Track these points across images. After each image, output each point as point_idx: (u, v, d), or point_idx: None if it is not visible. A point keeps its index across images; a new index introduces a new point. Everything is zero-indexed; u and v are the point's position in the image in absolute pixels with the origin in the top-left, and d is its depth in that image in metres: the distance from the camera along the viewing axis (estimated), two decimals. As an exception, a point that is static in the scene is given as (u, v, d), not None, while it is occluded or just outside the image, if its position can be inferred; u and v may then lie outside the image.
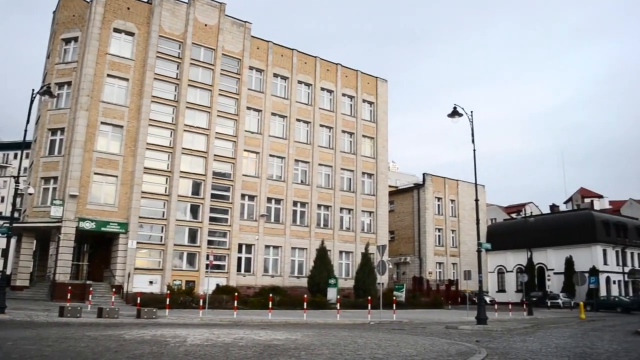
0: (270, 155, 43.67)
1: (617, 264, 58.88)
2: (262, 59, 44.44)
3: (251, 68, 43.62)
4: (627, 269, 59.77)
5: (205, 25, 41.11)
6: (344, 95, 49.40)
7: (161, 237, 36.81)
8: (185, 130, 38.63)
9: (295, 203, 44.37)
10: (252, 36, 43.74)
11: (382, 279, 29.65)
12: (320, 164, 46.55)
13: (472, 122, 24.85)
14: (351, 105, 50.02)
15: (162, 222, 36.90)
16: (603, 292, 53.66)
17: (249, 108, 42.80)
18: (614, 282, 57.80)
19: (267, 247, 42.18)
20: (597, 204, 74.06)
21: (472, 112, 24.87)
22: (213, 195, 39.20)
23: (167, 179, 37.68)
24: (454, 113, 24.34)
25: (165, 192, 37.42)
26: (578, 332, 19.96)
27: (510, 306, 37.48)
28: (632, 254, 61.72)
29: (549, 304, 50.36)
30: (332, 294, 35.99)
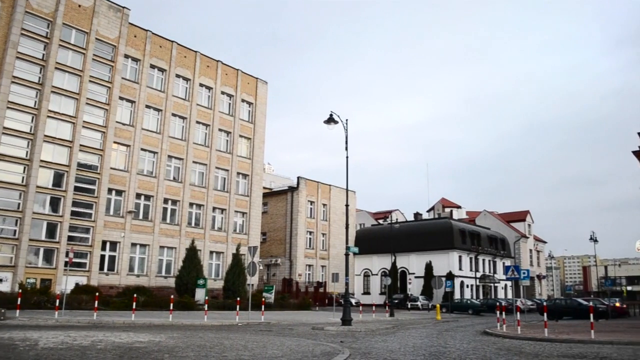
0: (142, 150, 41.87)
1: (471, 269, 63.78)
2: (139, 48, 42.52)
3: (127, 56, 41.54)
4: (479, 274, 64.95)
5: (79, 6, 38.49)
6: (223, 93, 48.73)
7: (15, 230, 33.77)
8: (49, 117, 35.78)
9: (166, 200, 42.93)
10: (130, 23, 41.67)
11: (252, 280, 29.59)
12: (194, 162, 45.48)
13: (346, 129, 25.63)
14: (230, 104, 49.46)
15: (17, 214, 33.87)
16: (458, 295, 57.79)
17: (121, 98, 40.72)
18: (468, 286, 62.49)
19: (134, 245, 40.36)
20: (456, 214, 79.55)
21: (347, 120, 25.67)
22: (77, 188, 36.68)
23: (25, 167, 34.65)
24: (330, 120, 24.96)
25: (23, 182, 34.40)
26: (434, 332, 21.24)
27: (374, 308, 39.05)
28: (483, 260, 67.18)
29: (409, 306, 53.22)
30: (200, 294, 35.24)
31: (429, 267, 59.33)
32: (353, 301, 48.90)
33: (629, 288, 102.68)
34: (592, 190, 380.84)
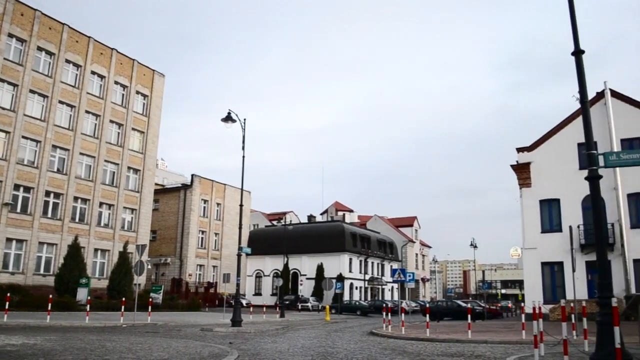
0: (24, 137, 38.86)
1: (360, 272, 65.58)
2: (25, 27, 39.47)
3: (11, 35, 38.39)
4: (367, 276, 66.91)
5: (-46, -22, 35.19)
6: (116, 83, 46.51)
7: None
8: None
9: (48, 193, 40.17)
10: (16, 0, 38.68)
11: (140, 280, 28.47)
12: (82, 153, 42.97)
13: (244, 128, 25.43)
14: (123, 95, 47.30)
15: None
16: (347, 296, 59.15)
17: (2, 80, 37.62)
18: (357, 287, 64.16)
19: (10, 240, 37.35)
20: (348, 217, 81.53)
21: (245, 119, 25.48)
22: (-56, 177, 33.45)
23: None
24: (228, 118, 24.61)
25: None
26: (322, 332, 21.55)
27: (264, 309, 38.98)
28: (372, 263, 69.34)
29: (300, 307, 53.69)
30: (82, 294, 33.35)
31: (320, 269, 60.25)
32: (244, 302, 48.50)
33: (503, 291, 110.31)
34: (473, 200, 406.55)
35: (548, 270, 32.08)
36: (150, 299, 30.13)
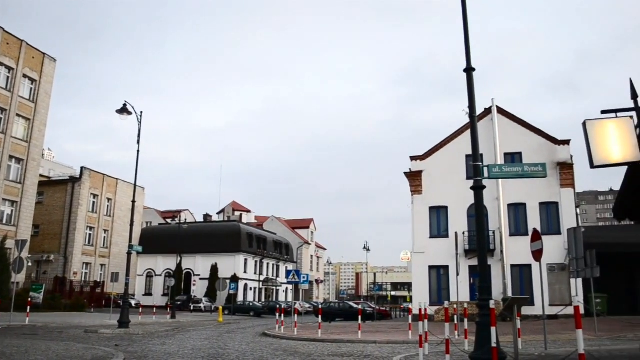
0: None
1: (255, 273, 65.37)
2: None
3: None
4: (262, 277, 66.83)
5: None
6: (1, 64, 43.10)
7: None
8: None
9: None
10: None
11: (18, 278, 26.60)
12: (-44, 140, 39.41)
13: (140, 122, 24.57)
14: (8, 77, 43.84)
15: None
16: (241, 297, 58.72)
17: None
18: (251, 288, 63.89)
19: None
20: (245, 218, 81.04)
21: (141, 112, 24.63)
22: None
23: None
24: (124, 110, 23.64)
25: None
26: (214, 334, 21.26)
27: (154, 310, 37.79)
28: (268, 264, 69.38)
29: (192, 308, 52.56)
30: (-50, 292, 30.60)
31: (214, 269, 59.38)
32: (133, 302, 46.70)
33: (393, 293, 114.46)
34: (368, 204, 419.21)
35: (435, 273, 33.70)
36: (30, 299, 28.23)
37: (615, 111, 9.10)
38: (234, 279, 56.17)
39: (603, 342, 15.22)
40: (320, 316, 21.25)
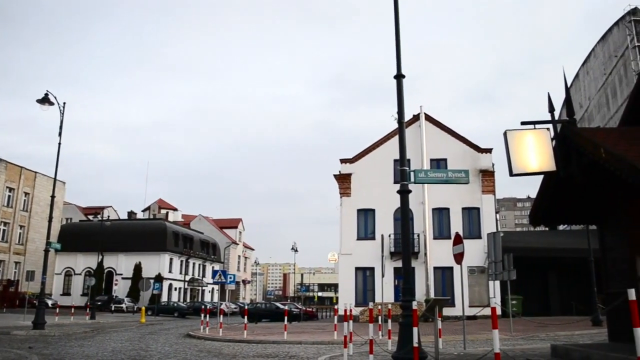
0: None
1: (180, 272, 64.04)
2: None
3: None
4: (188, 277, 65.57)
5: None
6: None
7: None
8: None
9: None
10: None
11: None
12: None
13: (62, 113, 23.61)
14: None
15: None
16: (165, 297, 57.34)
17: None
18: (176, 288, 62.52)
19: None
20: (172, 216, 79.21)
21: (64, 103, 23.66)
22: None
23: None
24: (45, 100, 22.62)
25: None
26: (136, 335, 20.68)
27: (73, 310, 36.29)
28: (194, 264, 68.17)
29: (113, 309, 50.78)
30: None
31: (138, 268, 57.68)
32: (49, 302, 44.61)
33: (320, 294, 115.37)
34: (297, 205, 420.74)
35: (361, 274, 34.25)
36: None
37: (534, 123, 9.61)
38: (158, 278, 54.79)
39: (517, 341, 15.98)
40: (246, 317, 21.11)
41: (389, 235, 33.53)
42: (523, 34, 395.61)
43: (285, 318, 19.77)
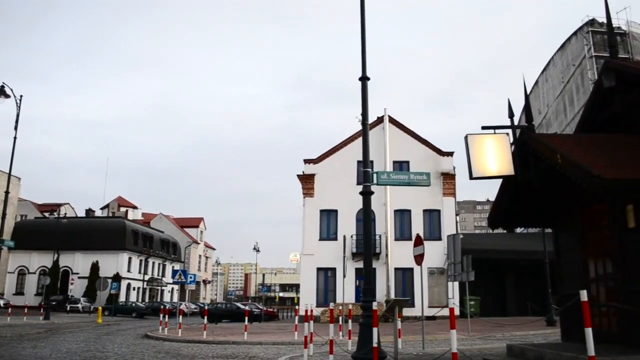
0: None
1: (139, 272, 62.92)
2: None
3: None
4: (147, 277, 64.50)
5: None
6: None
7: None
8: None
9: None
10: None
11: None
12: None
13: (19, 107, 22.95)
14: None
15: None
16: (123, 297, 56.25)
17: None
18: (134, 288, 61.40)
19: None
20: (132, 214, 77.78)
21: (21, 96, 23.01)
22: None
23: None
24: (1, 92, 21.95)
25: None
26: (92, 336, 20.25)
27: (26, 310, 35.28)
28: (153, 263, 67.11)
29: (68, 309, 49.56)
30: None
31: (95, 267, 56.42)
32: (1, 302, 43.27)
33: (281, 294, 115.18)
34: (260, 205, 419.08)
35: (322, 275, 34.34)
36: None
37: (494, 127, 9.82)
38: (117, 278, 53.74)
39: (475, 341, 16.29)
40: (206, 317, 20.92)
41: (351, 236, 33.71)
42: (484, 42, 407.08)
43: (246, 318, 19.67)
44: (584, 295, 6.10)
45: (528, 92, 11.21)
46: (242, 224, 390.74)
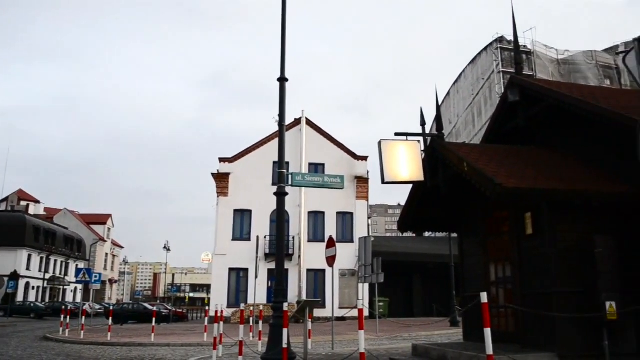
0: None
1: (40, 270, 59.49)
2: None
3: None
4: (48, 276, 61.10)
5: None
6: None
7: None
8: None
9: None
10: None
11: None
12: None
13: None
14: None
15: None
16: (21, 297, 52.96)
17: None
18: (34, 287, 58.03)
19: None
20: (33, 209, 73.44)
21: None
22: None
23: None
24: None
25: None
26: (-16, 338, 18.98)
27: None
28: (55, 261, 63.72)
29: (-44, 309, 46.11)
30: None
31: (-10, 265, 52.84)
32: None
33: (192, 295, 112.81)
34: (172, 203, 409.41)
35: (235, 275, 34.00)
36: None
37: (407, 134, 10.15)
38: (14, 276, 50.48)
39: (383, 341, 16.74)
40: (111, 318, 20.16)
41: (265, 237, 33.62)
42: (399, 53, 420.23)
43: (154, 319, 19.15)
44: (484, 297, 6.42)
45: (440, 103, 11.69)
46: (153, 222, 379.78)
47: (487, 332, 6.27)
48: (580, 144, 9.92)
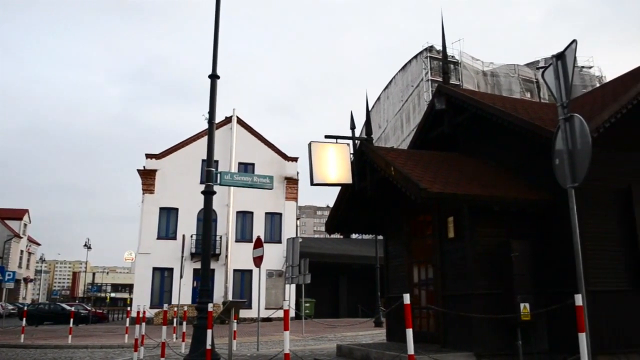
0: None
1: (-54, 268, 55.79)
2: None
3: None
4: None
5: None
6: None
7: None
8: None
9: None
10: None
11: None
12: None
13: None
14: None
15: None
16: None
17: None
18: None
19: None
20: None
21: None
22: None
23: None
24: None
25: None
26: None
27: None
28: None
29: None
30: None
31: None
32: None
33: (113, 295, 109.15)
34: (92, 200, 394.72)
35: (159, 275, 33.17)
36: None
37: (336, 137, 10.28)
38: None
39: (308, 342, 16.82)
40: (25, 319, 19.19)
41: (191, 236, 33.01)
42: (327, 58, 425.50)
43: (71, 320, 18.40)
44: (406, 298, 6.59)
45: (370, 107, 11.91)
46: (74, 218, 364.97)
47: (409, 332, 6.43)
48: (501, 152, 10.37)
